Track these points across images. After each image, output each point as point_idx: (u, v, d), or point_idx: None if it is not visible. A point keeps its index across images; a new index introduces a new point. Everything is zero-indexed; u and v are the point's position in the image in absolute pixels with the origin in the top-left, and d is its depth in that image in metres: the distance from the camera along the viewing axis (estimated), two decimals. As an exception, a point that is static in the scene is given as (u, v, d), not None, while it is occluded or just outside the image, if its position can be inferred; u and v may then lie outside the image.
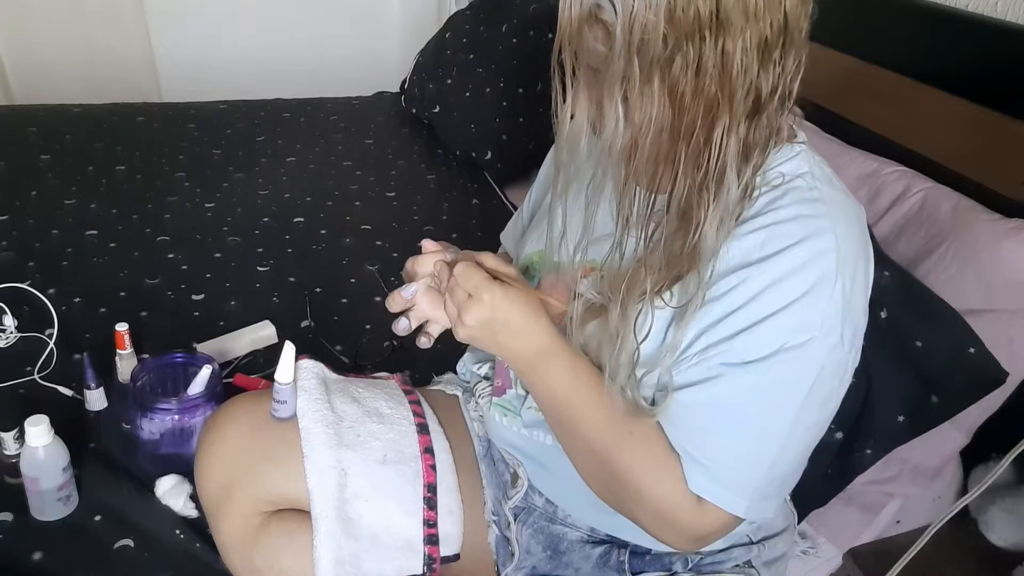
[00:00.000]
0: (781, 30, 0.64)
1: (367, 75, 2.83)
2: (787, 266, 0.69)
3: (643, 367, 0.75)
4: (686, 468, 0.73)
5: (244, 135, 2.25)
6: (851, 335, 0.71)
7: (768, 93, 0.65)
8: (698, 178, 0.67)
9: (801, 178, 0.72)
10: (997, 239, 1.09)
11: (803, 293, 0.68)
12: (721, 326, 0.71)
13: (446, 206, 2.00)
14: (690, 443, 0.73)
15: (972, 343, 1.04)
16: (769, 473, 0.73)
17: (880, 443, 1.09)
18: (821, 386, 0.71)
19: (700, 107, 0.64)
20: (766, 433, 0.72)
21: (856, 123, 1.45)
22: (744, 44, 0.62)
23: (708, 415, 0.72)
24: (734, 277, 0.70)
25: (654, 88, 0.63)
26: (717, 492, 0.72)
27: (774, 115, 0.68)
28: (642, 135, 0.66)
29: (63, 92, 2.44)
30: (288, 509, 0.91)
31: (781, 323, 0.69)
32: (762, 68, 0.64)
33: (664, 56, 0.62)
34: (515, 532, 0.94)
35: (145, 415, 1.12)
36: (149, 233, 1.77)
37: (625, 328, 0.73)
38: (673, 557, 0.88)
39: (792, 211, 0.70)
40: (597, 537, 0.91)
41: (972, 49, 1.28)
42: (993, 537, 1.15)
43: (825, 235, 0.69)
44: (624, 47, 0.62)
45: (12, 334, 1.39)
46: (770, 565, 0.92)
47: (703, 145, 0.66)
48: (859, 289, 0.72)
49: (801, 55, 0.67)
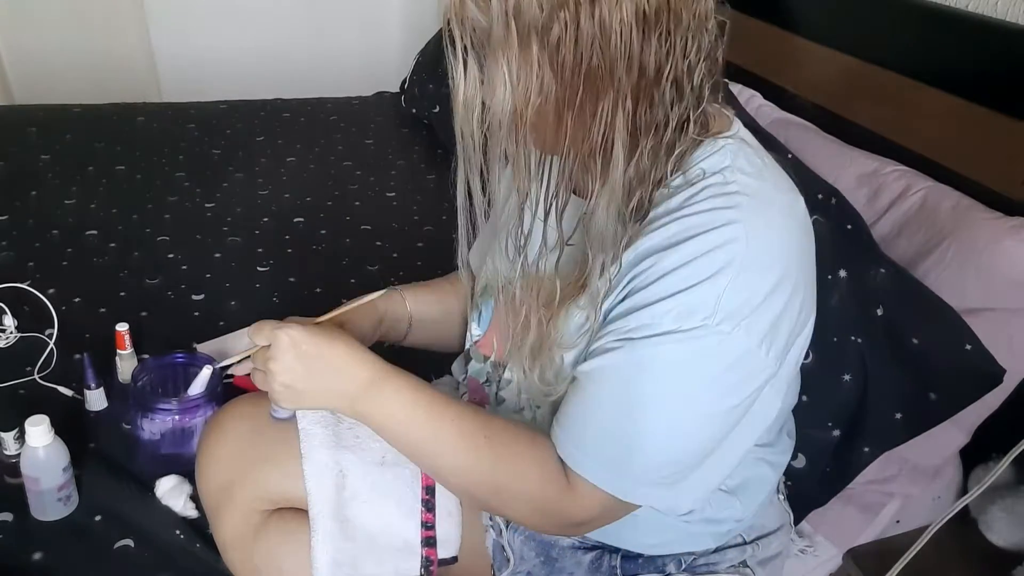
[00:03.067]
0: (661, 6, 0.64)
1: (367, 75, 2.83)
2: (690, 252, 0.68)
3: (562, 347, 0.76)
4: (563, 442, 0.74)
5: (244, 135, 2.25)
6: (763, 334, 0.70)
7: (655, 71, 0.65)
8: (584, 149, 0.68)
9: (720, 173, 0.71)
10: (997, 238, 1.09)
11: (701, 279, 0.68)
12: (622, 305, 0.72)
13: (446, 206, 1.99)
14: (570, 416, 0.74)
15: (969, 340, 1.04)
16: (653, 458, 0.72)
17: (877, 441, 1.09)
18: (714, 376, 0.70)
19: (582, 77, 0.65)
20: (646, 413, 0.71)
21: (856, 123, 1.45)
22: (621, 15, 0.62)
23: (591, 387, 0.73)
24: (644, 263, 0.70)
25: (533, 55, 0.64)
26: (591, 468, 0.73)
27: (672, 99, 0.67)
28: (527, 102, 0.66)
29: (63, 92, 2.44)
30: (288, 508, 0.92)
31: (673, 306, 0.68)
32: (645, 43, 0.64)
33: (541, 21, 0.63)
34: (508, 538, 0.94)
35: (145, 415, 1.12)
36: (149, 233, 1.77)
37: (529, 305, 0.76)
38: (666, 559, 0.88)
39: (706, 204, 0.70)
40: (588, 543, 0.91)
41: (972, 49, 1.28)
42: (993, 537, 1.15)
43: (734, 225, 0.68)
44: (501, 13, 0.63)
45: (12, 334, 1.39)
46: (765, 564, 0.92)
47: (589, 118, 0.67)
48: (782, 290, 0.70)
49: (700, 40, 0.67)
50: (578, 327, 0.76)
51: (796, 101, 1.59)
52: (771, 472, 0.91)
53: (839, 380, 1.08)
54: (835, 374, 1.09)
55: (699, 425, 0.73)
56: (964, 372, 1.05)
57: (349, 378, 0.77)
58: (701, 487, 0.77)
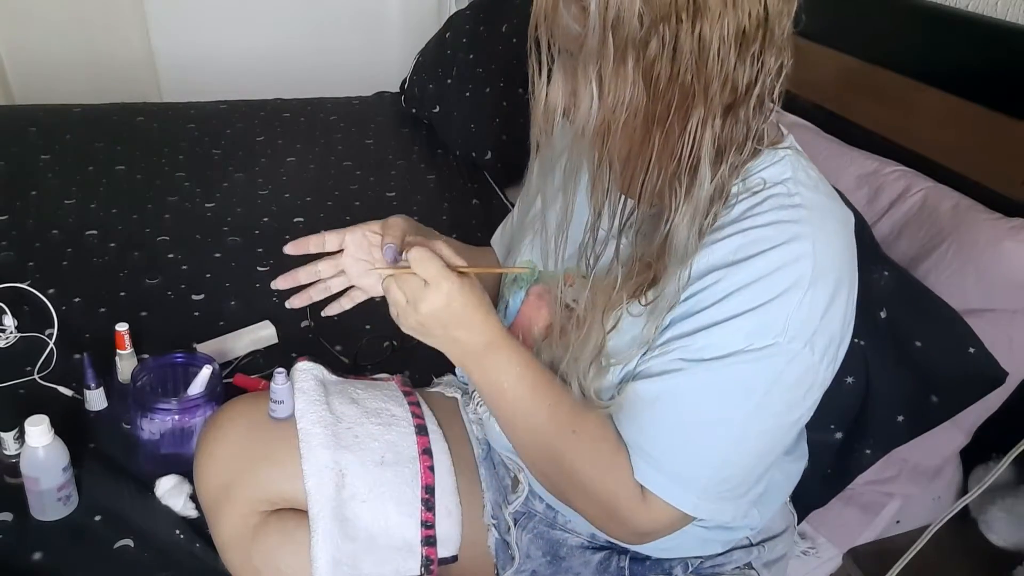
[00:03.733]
0: (760, 23, 0.63)
1: (367, 75, 2.83)
2: (760, 270, 0.68)
3: (612, 359, 0.75)
4: (634, 459, 0.73)
5: (244, 135, 2.25)
6: (824, 346, 0.70)
7: (745, 89, 0.65)
8: (671, 168, 0.67)
9: (782, 184, 0.71)
10: (997, 238, 1.09)
11: (772, 297, 0.67)
12: (686, 322, 0.71)
13: (446, 206, 2.00)
14: (640, 434, 0.73)
15: (972, 343, 1.04)
16: (718, 472, 0.73)
17: (880, 443, 1.09)
18: (780, 393, 0.70)
19: (675, 94, 0.63)
20: (716, 431, 0.71)
21: (856, 123, 1.45)
22: (721, 32, 0.61)
23: (660, 408, 0.73)
24: (709, 277, 0.70)
25: (628, 69, 0.62)
26: (663, 484, 0.72)
27: (752, 115, 0.67)
28: (615, 117, 0.65)
29: (63, 92, 2.44)
30: (287, 509, 0.92)
31: (744, 325, 0.68)
32: (739, 61, 0.63)
33: (639, 36, 0.61)
34: (515, 537, 0.94)
35: (145, 415, 1.12)
36: (149, 233, 1.77)
37: (593, 318, 0.74)
38: (673, 562, 0.88)
39: (770, 216, 0.69)
40: (597, 543, 0.91)
41: (972, 49, 1.27)
42: (993, 537, 1.15)
43: (802, 241, 0.68)
44: (599, 24, 0.61)
45: (12, 334, 1.39)
46: (770, 566, 0.92)
47: (677, 135, 0.65)
48: (839, 300, 0.70)
49: (783, 57, 0.66)
50: (632, 339, 0.75)
51: (796, 101, 1.59)
52: (786, 480, 0.92)
53: (842, 382, 1.08)
54: (838, 376, 1.07)
55: (767, 440, 0.74)
56: (967, 375, 1.05)
57: (476, 335, 0.76)
58: (754, 497, 0.78)
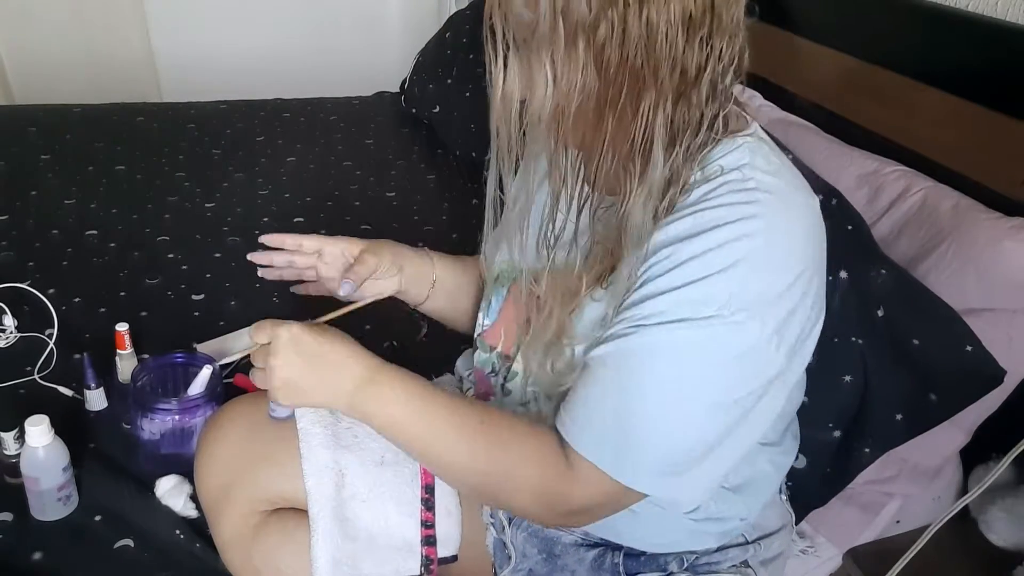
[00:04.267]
0: (707, 8, 0.65)
1: (367, 75, 2.83)
2: (709, 243, 0.69)
3: (576, 340, 0.76)
4: (571, 428, 0.74)
5: (244, 135, 2.25)
6: (777, 327, 0.70)
7: (695, 73, 0.66)
8: (624, 150, 0.69)
9: (738, 170, 0.72)
10: (997, 238, 1.09)
11: (719, 270, 0.68)
12: (636, 293, 0.72)
13: (446, 206, 2.00)
14: (578, 401, 0.74)
15: (970, 341, 1.04)
16: (657, 443, 0.72)
17: (878, 442, 1.09)
18: (721, 366, 0.70)
19: (626, 77, 0.65)
20: (653, 398, 0.71)
21: (856, 123, 1.45)
22: (669, 16, 0.63)
23: (599, 372, 0.73)
24: (661, 253, 0.71)
25: (579, 52, 0.64)
26: (598, 453, 0.73)
27: (705, 100, 0.68)
28: (569, 101, 0.66)
29: (63, 92, 2.44)
30: (287, 508, 0.92)
31: (689, 294, 0.69)
32: (688, 45, 0.65)
33: (589, 21, 0.63)
34: (510, 536, 0.94)
35: (145, 415, 1.12)
36: (149, 233, 1.77)
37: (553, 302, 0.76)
38: (668, 557, 0.88)
39: (724, 199, 0.70)
40: (591, 540, 0.91)
41: (972, 49, 1.28)
42: (993, 537, 1.15)
43: (755, 220, 0.69)
44: (549, 10, 0.63)
45: (12, 334, 1.39)
46: (767, 564, 0.92)
47: (630, 118, 0.67)
48: (799, 285, 0.70)
49: (735, 44, 0.68)
50: (593, 321, 0.76)
51: (796, 101, 1.59)
52: (775, 472, 0.91)
53: (840, 381, 1.08)
54: (836, 375, 1.08)
55: (705, 415, 0.73)
56: (965, 374, 1.05)
57: (346, 375, 0.78)
58: (704, 482, 0.77)
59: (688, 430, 0.73)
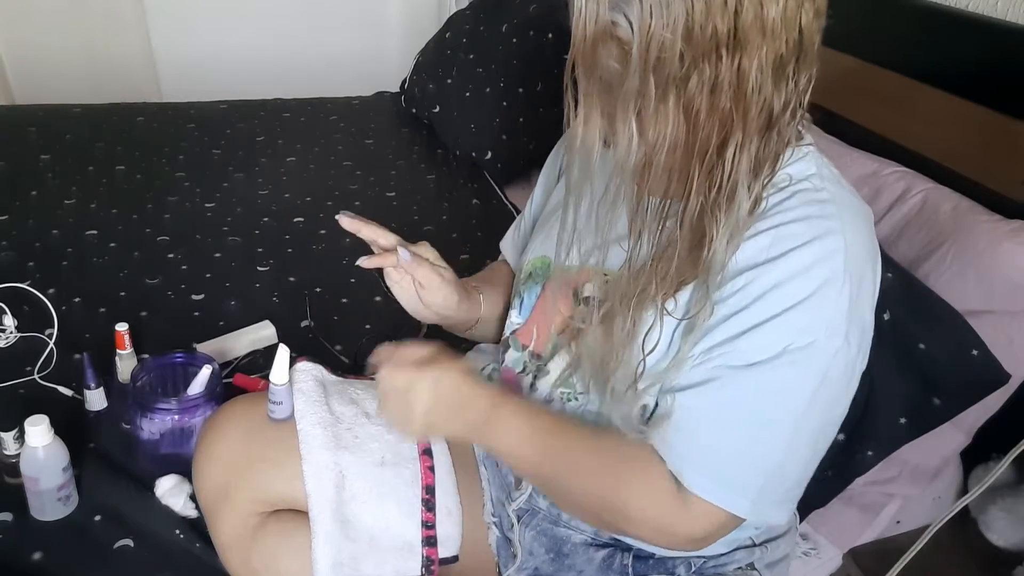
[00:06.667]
0: (796, 47, 0.63)
1: (367, 75, 2.83)
2: (794, 267, 0.68)
3: (648, 379, 0.74)
4: (683, 469, 0.73)
5: (244, 135, 2.25)
6: (858, 338, 0.71)
7: (780, 109, 0.65)
8: (711, 196, 0.67)
9: (808, 180, 0.72)
10: (997, 241, 1.09)
11: (809, 295, 0.68)
12: (724, 327, 0.71)
13: (446, 206, 2.00)
14: (690, 445, 0.73)
15: (975, 346, 1.04)
16: (777, 475, 0.73)
17: (881, 445, 1.09)
18: (826, 389, 0.71)
19: (714, 124, 0.64)
20: (769, 435, 0.71)
21: (856, 123, 1.45)
22: (760, 62, 0.62)
23: (710, 417, 0.72)
24: (741, 279, 0.70)
25: (669, 106, 0.63)
26: (715, 491, 0.72)
27: (786, 129, 0.68)
28: (655, 152, 0.65)
29: (63, 92, 2.44)
30: (285, 510, 0.92)
31: (785, 325, 0.68)
32: (775, 85, 0.64)
33: (680, 74, 0.61)
34: (518, 534, 0.94)
35: (145, 415, 1.12)
36: (149, 233, 1.77)
37: (632, 341, 0.74)
38: (676, 560, 0.88)
39: (800, 212, 0.70)
40: (601, 540, 0.91)
41: (972, 49, 1.28)
42: (993, 537, 1.15)
43: (834, 236, 0.69)
44: (640, 65, 0.61)
45: (12, 334, 1.39)
46: (772, 567, 0.92)
47: (715, 162, 0.66)
48: (867, 292, 0.71)
49: (812, 69, 0.67)
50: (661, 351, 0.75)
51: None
52: None
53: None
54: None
55: (814, 438, 0.74)
56: (969, 378, 1.05)
57: (474, 408, 0.78)
58: (797, 499, 0.78)
59: (801, 460, 0.74)
